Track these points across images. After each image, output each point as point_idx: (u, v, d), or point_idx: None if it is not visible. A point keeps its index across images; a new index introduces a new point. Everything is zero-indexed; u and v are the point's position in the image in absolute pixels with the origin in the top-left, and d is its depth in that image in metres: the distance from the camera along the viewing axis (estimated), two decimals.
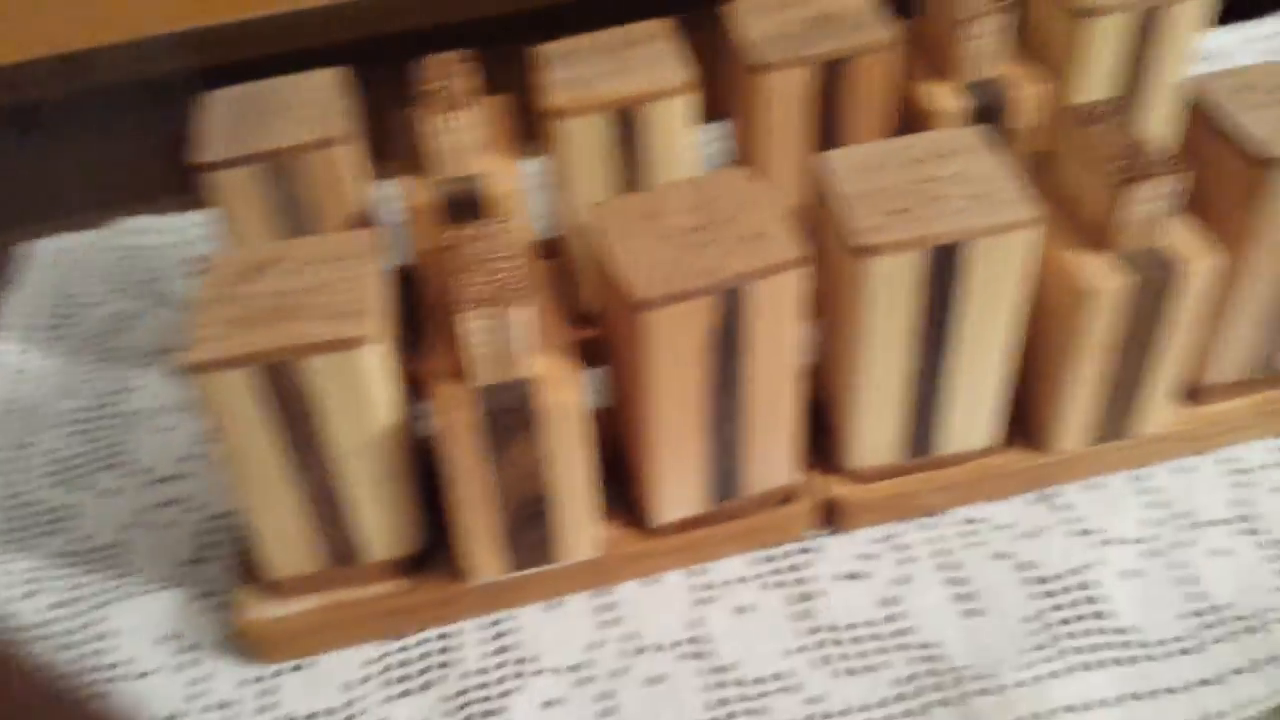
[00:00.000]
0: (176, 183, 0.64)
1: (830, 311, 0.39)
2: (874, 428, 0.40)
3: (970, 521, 0.42)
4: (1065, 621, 0.38)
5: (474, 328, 0.35)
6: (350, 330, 0.35)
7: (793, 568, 0.41)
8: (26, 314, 0.56)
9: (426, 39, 0.69)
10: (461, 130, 0.44)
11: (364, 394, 0.35)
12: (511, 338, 0.36)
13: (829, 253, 0.38)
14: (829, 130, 0.47)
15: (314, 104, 0.45)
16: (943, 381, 0.39)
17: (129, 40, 0.75)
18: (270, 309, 0.35)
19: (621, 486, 0.42)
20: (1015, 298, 0.38)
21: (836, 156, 0.40)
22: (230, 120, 0.45)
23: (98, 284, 0.57)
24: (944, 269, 0.37)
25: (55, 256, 0.59)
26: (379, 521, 0.38)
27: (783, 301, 0.36)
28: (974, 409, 0.40)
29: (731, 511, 0.41)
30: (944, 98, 0.47)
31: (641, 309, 0.35)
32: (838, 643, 0.38)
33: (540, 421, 0.36)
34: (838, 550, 0.41)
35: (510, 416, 0.36)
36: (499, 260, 0.37)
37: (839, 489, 0.41)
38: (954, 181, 0.38)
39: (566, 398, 0.36)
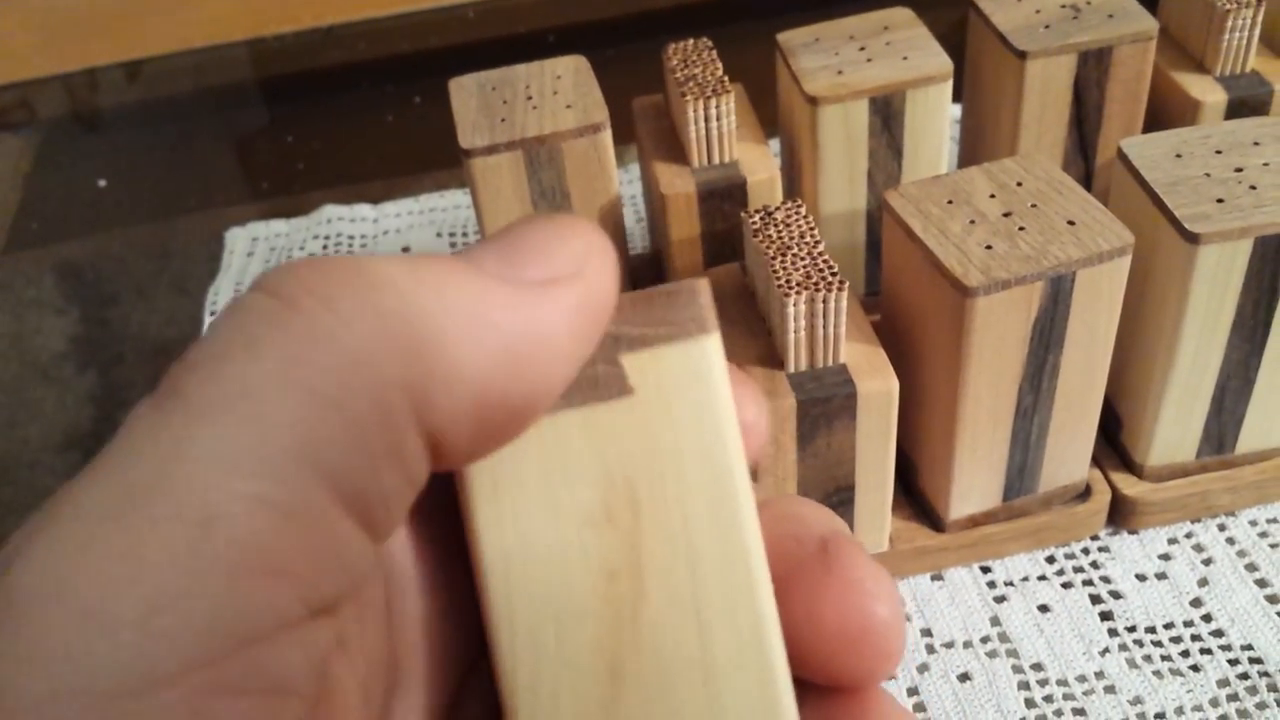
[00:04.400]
0: (363, 173, 0.65)
1: (1137, 303, 0.38)
2: (1175, 425, 0.39)
3: (1265, 522, 0.40)
4: None
5: (797, 312, 0.34)
6: None
7: (1089, 567, 0.40)
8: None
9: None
10: (720, 117, 0.43)
11: None
12: (830, 322, 0.35)
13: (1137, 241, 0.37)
14: (1083, 119, 0.46)
15: (569, 91, 0.44)
16: (1251, 378, 0.38)
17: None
18: None
19: (901, 479, 0.41)
20: None
21: (1133, 145, 0.39)
22: (484, 105, 0.44)
23: None
24: (1268, 260, 0.36)
25: (255, 244, 0.59)
26: None
27: (1107, 291, 0.35)
28: (1277, 406, 0.39)
29: (1021, 508, 0.40)
30: (1204, 89, 0.46)
31: (972, 295, 0.34)
32: (1147, 644, 0.37)
33: (856, 409, 0.35)
34: (1130, 550, 0.40)
35: (826, 404, 0.35)
36: (805, 244, 0.36)
37: (1131, 488, 0.40)
38: (1269, 172, 0.37)
39: (883, 386, 0.35)
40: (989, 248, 0.35)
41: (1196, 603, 0.38)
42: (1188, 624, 0.38)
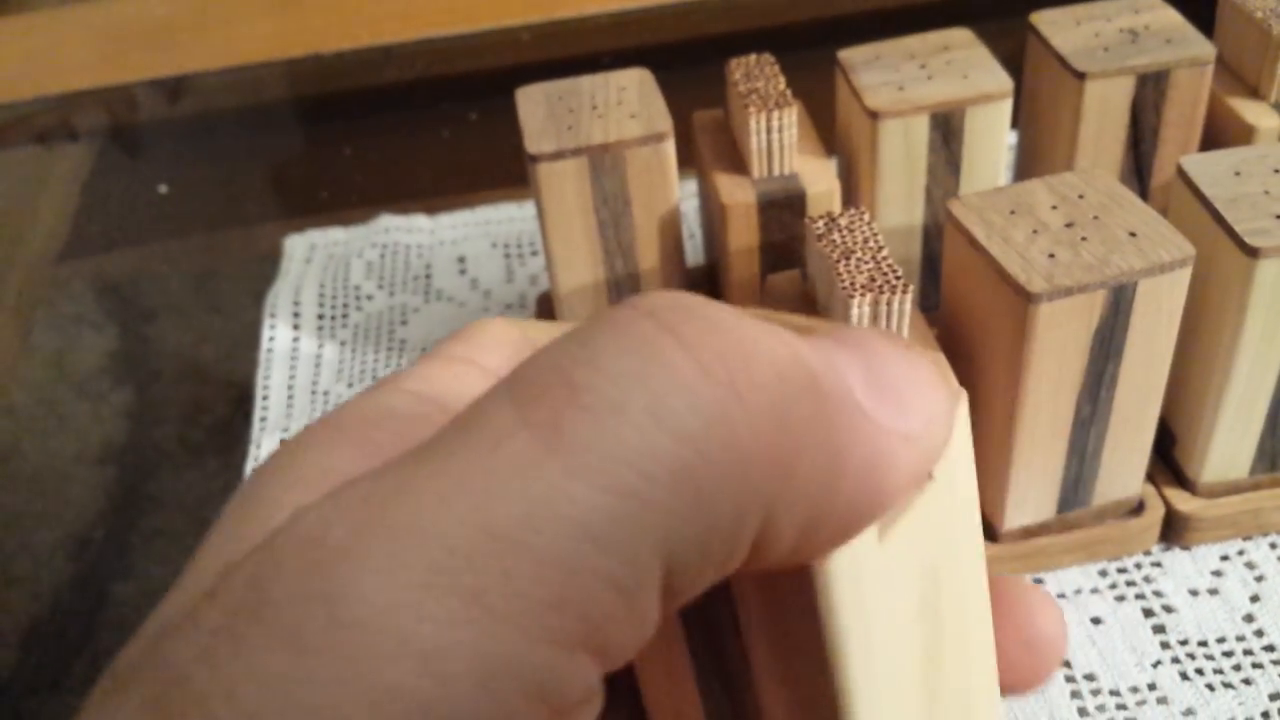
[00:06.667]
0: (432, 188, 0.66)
1: (1194, 318, 0.38)
2: (1229, 442, 0.39)
3: None
4: None
5: (861, 315, 0.35)
6: None
7: (1141, 581, 0.40)
8: (293, 303, 0.56)
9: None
10: (782, 129, 0.44)
11: None
12: (893, 325, 0.35)
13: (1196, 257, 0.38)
14: (1139, 140, 0.47)
15: (633, 102, 0.45)
16: None
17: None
18: None
19: None
20: None
21: (1192, 162, 0.39)
22: (550, 114, 0.45)
23: (365, 278, 0.58)
24: None
25: (314, 250, 0.60)
26: None
27: (1167, 302, 0.36)
28: None
29: (1075, 521, 0.40)
30: (1258, 115, 0.46)
31: (1035, 301, 0.34)
32: (1199, 657, 0.37)
33: None
34: (1182, 566, 0.40)
35: None
36: (869, 249, 0.37)
37: (1185, 504, 0.40)
38: None
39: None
40: (1052, 256, 0.35)
41: (1249, 618, 0.38)
42: (1240, 639, 0.38)
